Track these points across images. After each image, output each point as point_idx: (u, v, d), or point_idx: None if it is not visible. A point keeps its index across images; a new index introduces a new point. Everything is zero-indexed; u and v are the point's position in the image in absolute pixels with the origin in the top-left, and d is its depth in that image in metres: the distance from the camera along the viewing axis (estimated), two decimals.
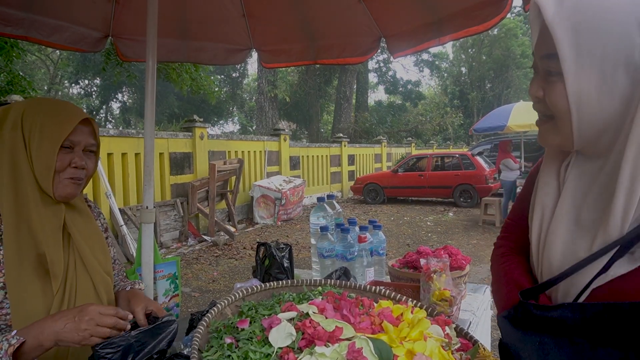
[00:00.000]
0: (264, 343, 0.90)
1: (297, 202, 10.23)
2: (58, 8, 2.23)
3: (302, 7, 2.47)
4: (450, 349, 0.98)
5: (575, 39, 0.68)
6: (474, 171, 11.67)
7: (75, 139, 1.16)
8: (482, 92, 33.83)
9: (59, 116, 1.15)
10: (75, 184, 1.18)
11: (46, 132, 1.12)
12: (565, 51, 0.69)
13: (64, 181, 1.16)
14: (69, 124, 1.14)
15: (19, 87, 7.33)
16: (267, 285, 1.18)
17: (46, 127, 1.12)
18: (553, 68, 0.72)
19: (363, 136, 21.20)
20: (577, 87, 0.70)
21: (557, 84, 0.72)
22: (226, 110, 24.83)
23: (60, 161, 1.14)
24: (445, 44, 2.45)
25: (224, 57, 2.78)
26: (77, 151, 1.17)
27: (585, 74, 0.69)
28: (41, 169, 1.12)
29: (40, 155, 1.11)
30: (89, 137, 1.20)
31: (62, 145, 1.14)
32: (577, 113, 0.72)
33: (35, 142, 1.11)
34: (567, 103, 0.72)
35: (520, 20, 32.16)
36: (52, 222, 1.15)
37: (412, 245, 7.32)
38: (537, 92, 0.76)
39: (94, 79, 22.12)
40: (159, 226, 7.26)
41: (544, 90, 0.75)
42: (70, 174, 1.16)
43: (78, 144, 1.17)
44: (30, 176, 1.12)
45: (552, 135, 0.79)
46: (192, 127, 8.43)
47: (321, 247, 1.81)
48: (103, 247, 1.30)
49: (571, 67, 0.69)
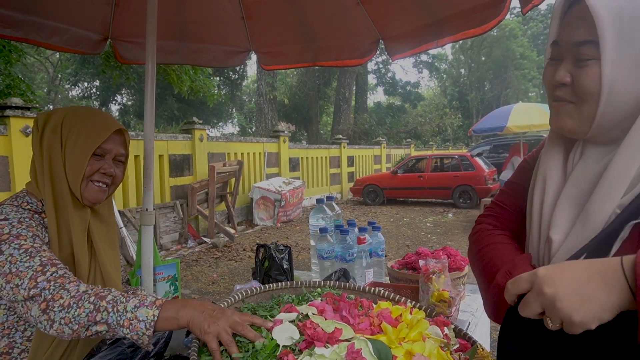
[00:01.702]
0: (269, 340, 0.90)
1: (297, 203, 10.23)
2: (57, 10, 2.23)
3: (301, 9, 2.48)
4: (449, 350, 0.98)
5: (617, 24, 0.70)
6: (473, 172, 11.67)
7: (108, 147, 1.23)
8: (481, 93, 33.88)
9: (96, 124, 1.22)
10: (101, 189, 1.24)
11: (81, 138, 1.19)
12: (607, 36, 0.70)
13: (91, 185, 1.22)
14: (103, 133, 1.21)
15: (18, 90, 7.34)
16: (266, 287, 1.19)
17: (82, 133, 1.19)
18: (586, 54, 0.74)
19: (362, 137, 21.21)
20: (613, 72, 0.72)
21: (591, 69, 0.74)
22: (225, 112, 24.83)
23: (90, 167, 1.20)
24: (444, 46, 2.46)
25: (223, 59, 2.79)
26: (108, 159, 1.24)
27: (621, 59, 0.71)
28: (72, 172, 1.19)
29: (73, 160, 1.18)
30: (120, 147, 1.27)
31: (94, 153, 1.20)
32: (608, 97, 0.74)
33: (70, 146, 1.18)
34: (599, 87, 0.73)
35: (519, 21, 32.23)
36: (80, 225, 1.21)
37: (411, 247, 7.32)
38: (564, 77, 0.77)
39: (93, 81, 22.10)
40: (158, 228, 7.25)
41: (572, 75, 0.77)
42: (97, 178, 1.22)
43: (109, 152, 1.24)
44: (64, 179, 1.19)
45: (569, 119, 0.79)
46: (192, 129, 8.43)
47: (320, 248, 1.81)
48: (116, 256, 1.35)
49: (611, 52, 0.71)
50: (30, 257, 1.04)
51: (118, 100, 23.85)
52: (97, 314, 0.95)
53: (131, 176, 7.09)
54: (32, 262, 1.03)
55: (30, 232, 1.09)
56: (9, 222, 1.08)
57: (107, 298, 0.98)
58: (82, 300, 0.98)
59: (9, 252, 1.03)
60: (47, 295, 0.99)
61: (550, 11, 36.19)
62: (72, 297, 0.98)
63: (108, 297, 0.98)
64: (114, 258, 1.33)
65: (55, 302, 0.98)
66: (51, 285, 1.00)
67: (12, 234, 1.06)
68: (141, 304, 0.96)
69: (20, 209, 1.15)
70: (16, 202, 1.17)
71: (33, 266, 1.02)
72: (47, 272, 1.02)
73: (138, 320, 0.94)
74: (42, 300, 0.98)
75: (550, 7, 21.04)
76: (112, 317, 0.95)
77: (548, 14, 37.53)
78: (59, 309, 0.97)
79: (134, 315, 0.95)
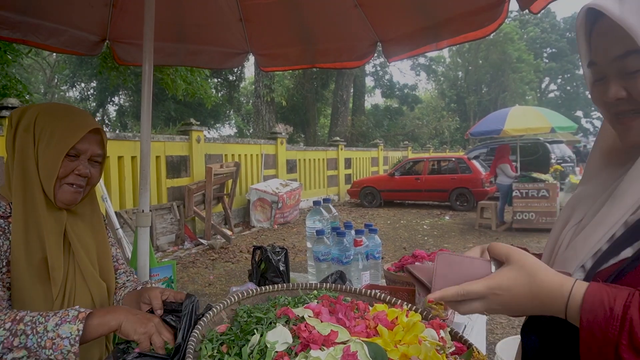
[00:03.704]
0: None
1: (294, 205, 10.23)
2: (55, 11, 2.23)
3: (299, 12, 2.48)
4: (444, 353, 0.98)
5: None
6: (470, 175, 11.70)
7: (82, 147, 1.17)
8: (478, 96, 33.99)
9: (70, 124, 1.15)
10: (75, 191, 1.18)
11: (55, 138, 1.13)
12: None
13: (64, 187, 1.16)
14: (77, 133, 1.15)
15: (15, 90, 7.31)
16: (262, 289, 1.18)
17: (56, 133, 1.13)
18: (632, 65, 0.72)
19: (360, 139, 21.24)
20: None
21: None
22: (223, 113, 24.80)
23: (64, 168, 1.14)
24: (443, 49, 2.47)
25: (220, 61, 2.79)
26: (83, 160, 1.18)
27: None
28: (45, 174, 1.13)
29: (46, 161, 1.12)
30: (96, 147, 1.20)
31: (68, 154, 1.14)
32: None
33: (43, 146, 1.12)
34: None
35: (517, 25, 32.36)
36: (55, 227, 1.15)
37: (408, 249, 7.32)
38: (618, 93, 0.74)
39: (91, 82, 22.06)
40: (155, 229, 7.23)
41: (626, 89, 0.74)
42: (71, 180, 1.16)
43: (84, 153, 1.18)
44: (37, 180, 1.13)
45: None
46: (189, 130, 8.42)
47: (317, 250, 1.81)
48: (105, 252, 1.29)
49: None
50: None
51: (115, 102, 23.81)
52: (14, 339, 0.89)
53: (128, 177, 7.07)
54: None
55: None
56: None
57: (24, 320, 0.92)
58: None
59: None
60: None
61: (545, 14, 36.43)
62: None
63: (25, 319, 0.92)
64: (103, 259, 1.27)
65: None
66: None
67: None
68: (63, 321, 0.91)
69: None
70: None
71: None
72: None
73: (61, 338, 0.89)
74: None
75: (547, 10, 21.13)
76: (32, 339, 0.89)
77: (544, 18, 37.75)
78: None
79: (55, 334, 0.89)
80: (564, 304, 0.65)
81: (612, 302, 0.60)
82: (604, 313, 0.60)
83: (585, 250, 0.74)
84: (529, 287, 0.67)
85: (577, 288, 0.64)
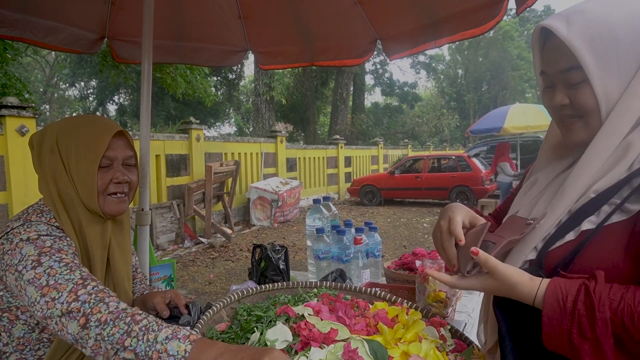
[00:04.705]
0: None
1: (294, 203, 10.23)
2: (53, 9, 2.22)
3: (298, 9, 2.48)
4: (445, 350, 0.98)
5: (593, 48, 0.79)
6: (470, 173, 11.70)
7: (112, 154, 1.15)
8: (478, 93, 33.98)
9: (92, 134, 1.13)
10: (120, 200, 1.18)
11: (82, 153, 1.11)
12: (587, 60, 0.79)
13: (108, 199, 1.15)
14: (102, 142, 1.12)
15: (14, 89, 7.30)
16: (262, 288, 1.18)
17: (81, 147, 1.11)
18: (574, 78, 0.83)
19: (360, 138, 21.23)
20: (603, 86, 0.81)
21: (583, 89, 0.83)
22: (223, 112, 24.79)
23: (102, 180, 1.13)
24: (442, 46, 2.46)
25: (220, 59, 2.78)
26: (117, 166, 1.16)
27: (607, 74, 0.80)
28: (84, 191, 1.12)
29: (81, 178, 1.11)
30: (125, 150, 1.18)
31: (100, 165, 1.13)
32: (606, 106, 0.82)
33: (73, 164, 1.11)
34: (595, 102, 0.82)
35: (516, 23, 32.30)
36: (101, 243, 1.16)
37: (408, 247, 7.33)
38: (562, 100, 0.86)
39: (90, 80, 22.04)
40: (155, 228, 7.23)
41: (569, 97, 0.85)
42: (112, 190, 1.16)
43: (116, 159, 1.16)
44: (76, 198, 1.12)
45: (582, 132, 0.87)
46: (189, 128, 8.41)
47: (317, 249, 1.81)
48: (129, 259, 1.31)
49: (595, 72, 0.80)
50: (70, 270, 0.98)
51: (115, 100, 23.78)
52: (127, 339, 0.87)
53: None
54: (72, 275, 0.97)
55: (70, 249, 1.06)
56: (51, 237, 1.04)
57: (140, 323, 0.89)
58: (119, 318, 0.90)
59: (48, 264, 0.98)
60: (87, 310, 0.91)
61: (545, 12, 36.40)
62: (110, 313, 0.90)
63: (141, 323, 0.89)
64: (128, 260, 1.29)
65: (93, 316, 0.90)
66: (92, 299, 0.93)
67: (54, 248, 1.02)
68: (174, 336, 0.86)
69: (51, 226, 1.09)
70: (44, 218, 1.10)
71: (74, 279, 0.96)
72: (87, 286, 0.96)
73: (168, 354, 0.84)
74: (81, 315, 0.90)
75: (546, 8, 21.18)
76: (141, 346, 0.86)
77: (544, 16, 37.70)
78: (96, 324, 0.89)
79: (163, 348, 0.85)
80: (533, 302, 0.80)
81: (564, 299, 0.75)
82: (559, 310, 0.75)
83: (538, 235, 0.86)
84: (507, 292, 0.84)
85: (541, 290, 0.78)
